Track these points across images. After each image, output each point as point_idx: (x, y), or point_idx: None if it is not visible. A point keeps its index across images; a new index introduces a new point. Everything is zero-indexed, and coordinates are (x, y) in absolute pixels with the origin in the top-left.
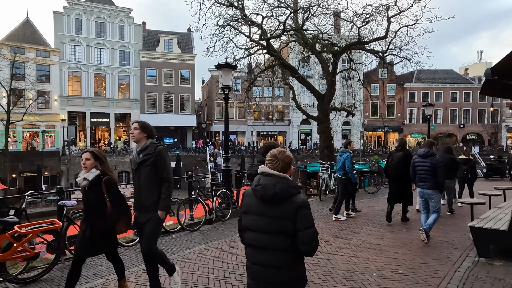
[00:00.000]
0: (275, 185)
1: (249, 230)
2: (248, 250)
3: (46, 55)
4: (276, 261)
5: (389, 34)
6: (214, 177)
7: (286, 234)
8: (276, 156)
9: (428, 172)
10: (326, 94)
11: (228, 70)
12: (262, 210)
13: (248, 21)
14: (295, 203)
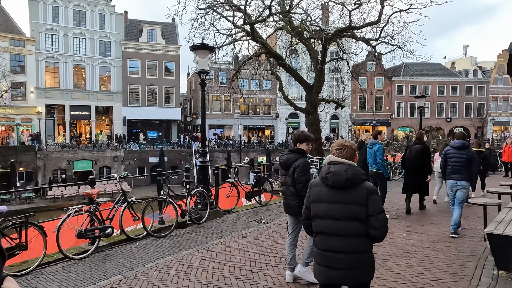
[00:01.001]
0: (346, 171)
1: (320, 218)
2: (319, 237)
3: (21, 44)
4: (349, 246)
5: (382, 19)
6: (188, 174)
7: (358, 219)
8: (343, 145)
9: (463, 164)
10: (314, 84)
11: (205, 52)
12: (334, 197)
13: (232, 5)
14: (366, 188)
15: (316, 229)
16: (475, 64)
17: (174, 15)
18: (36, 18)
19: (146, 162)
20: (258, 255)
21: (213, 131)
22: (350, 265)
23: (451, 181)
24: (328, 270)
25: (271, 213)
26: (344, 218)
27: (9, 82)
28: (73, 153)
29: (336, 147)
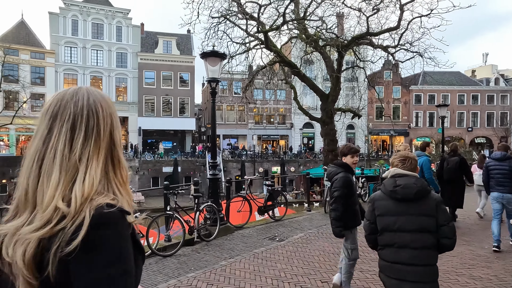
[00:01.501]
0: (416, 184)
1: (389, 231)
2: (388, 250)
3: (41, 56)
4: (419, 259)
5: (401, 25)
6: (197, 188)
7: (428, 231)
8: (407, 156)
9: (506, 176)
10: (330, 93)
11: (216, 59)
12: (403, 210)
13: (246, 14)
14: (434, 199)
15: (384, 242)
16: (496, 72)
17: (187, 25)
18: (56, 31)
19: (160, 172)
20: (271, 280)
21: (227, 141)
22: (422, 278)
23: (496, 194)
24: (400, 283)
25: (285, 229)
26: (414, 231)
27: (29, 94)
28: None
29: (399, 159)
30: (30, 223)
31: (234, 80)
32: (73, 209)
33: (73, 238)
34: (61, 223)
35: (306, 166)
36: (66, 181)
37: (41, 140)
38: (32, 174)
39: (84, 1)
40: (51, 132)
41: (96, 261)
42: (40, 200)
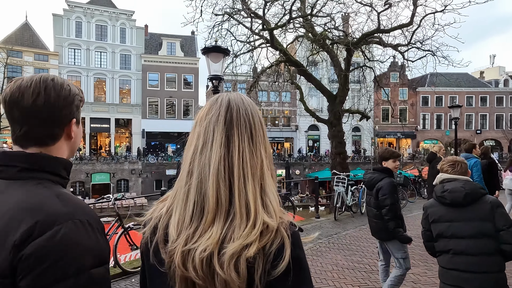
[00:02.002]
0: (464, 187)
1: (443, 237)
2: (443, 257)
3: (44, 58)
4: (477, 266)
5: (414, 21)
6: None
7: (485, 236)
8: (456, 161)
9: None
10: (338, 94)
11: (218, 55)
12: (454, 216)
13: (250, 12)
14: (490, 203)
15: (440, 248)
16: (504, 73)
17: (190, 24)
18: (59, 33)
19: (163, 175)
20: None
21: None
22: (480, 285)
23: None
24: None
25: None
26: (469, 236)
27: None
28: (91, 165)
29: (448, 164)
30: (231, 235)
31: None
32: (275, 225)
33: (277, 259)
34: (264, 238)
35: (311, 169)
36: (258, 192)
37: (225, 148)
38: (222, 183)
39: (88, 3)
40: (231, 140)
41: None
42: (239, 210)
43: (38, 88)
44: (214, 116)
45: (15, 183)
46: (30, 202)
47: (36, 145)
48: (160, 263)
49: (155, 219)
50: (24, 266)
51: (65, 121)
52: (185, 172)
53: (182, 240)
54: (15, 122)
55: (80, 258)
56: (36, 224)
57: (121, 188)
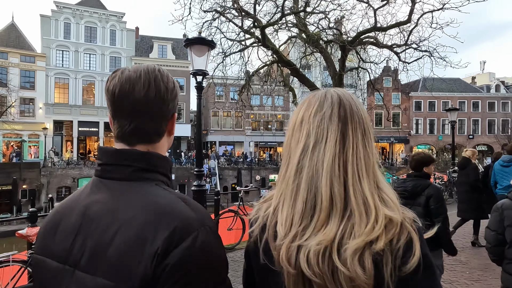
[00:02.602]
0: None
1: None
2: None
3: (31, 60)
4: None
5: (412, 19)
6: None
7: None
8: None
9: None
10: None
11: (202, 48)
12: None
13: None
14: None
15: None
16: (494, 79)
17: (178, 21)
18: (47, 34)
19: None
20: None
21: (224, 148)
22: None
23: None
24: None
25: None
26: None
27: (18, 98)
28: (78, 170)
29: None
30: (350, 232)
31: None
32: (399, 219)
33: (407, 254)
34: (390, 233)
35: None
36: (374, 188)
37: (340, 145)
38: (337, 181)
39: (77, 4)
40: (346, 137)
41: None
42: (357, 208)
43: (148, 79)
44: (327, 113)
45: (131, 185)
46: (160, 206)
47: (144, 143)
48: (271, 262)
49: (262, 218)
50: (168, 276)
51: (169, 115)
52: (292, 170)
53: (290, 237)
54: (123, 117)
55: (219, 268)
56: (175, 230)
57: None
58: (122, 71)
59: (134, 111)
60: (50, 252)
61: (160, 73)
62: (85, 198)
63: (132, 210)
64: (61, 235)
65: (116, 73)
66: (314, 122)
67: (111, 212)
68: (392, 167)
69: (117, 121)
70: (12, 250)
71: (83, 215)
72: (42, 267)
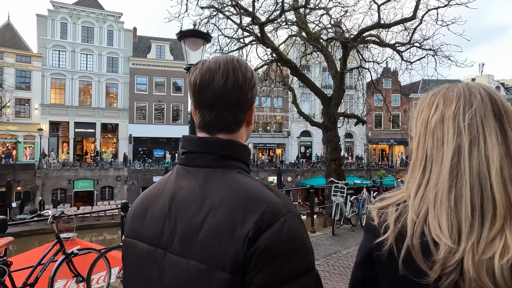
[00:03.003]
0: None
1: None
2: None
3: (27, 60)
4: None
5: (417, 16)
6: None
7: None
8: None
9: None
10: (333, 96)
11: (197, 41)
12: None
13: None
14: None
15: None
16: (493, 81)
17: (174, 18)
18: (43, 34)
19: (150, 182)
20: None
21: None
22: None
23: None
24: None
25: None
26: None
27: (13, 98)
28: (74, 171)
29: None
30: None
31: None
32: None
33: None
34: None
35: (303, 176)
36: None
37: (503, 144)
38: (510, 184)
39: (74, 4)
40: (506, 135)
41: None
42: None
43: (227, 69)
44: (479, 110)
45: (216, 171)
46: (248, 191)
47: (224, 132)
48: (417, 274)
49: (394, 225)
50: (259, 261)
51: (248, 105)
52: (445, 174)
53: (467, 249)
54: (204, 107)
55: (307, 255)
56: (263, 214)
57: (105, 195)
58: (203, 62)
59: (214, 101)
60: (140, 235)
61: (239, 63)
62: (172, 185)
63: (220, 196)
64: (150, 220)
65: (197, 64)
66: (465, 120)
67: (199, 198)
68: (392, 169)
69: (199, 111)
70: None
71: (171, 201)
72: (133, 249)
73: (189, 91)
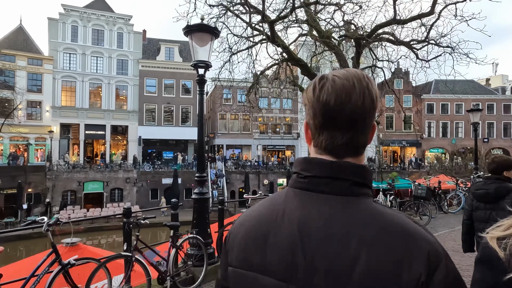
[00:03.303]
0: None
1: None
2: None
3: (38, 63)
4: None
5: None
6: (176, 213)
7: None
8: None
9: None
10: None
11: (205, 36)
12: None
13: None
14: None
15: None
16: (507, 81)
17: (183, 18)
18: (55, 37)
19: (159, 184)
20: None
21: (231, 151)
22: None
23: None
24: None
25: None
26: None
27: (24, 100)
28: (84, 173)
29: None
30: None
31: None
32: None
33: None
34: None
35: None
36: None
37: None
38: None
39: (85, 7)
40: None
41: None
42: None
43: (363, 88)
44: None
45: (350, 200)
46: (401, 226)
47: (352, 155)
48: None
49: None
50: None
51: (372, 125)
52: None
53: None
54: (335, 128)
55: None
56: (429, 255)
57: (114, 197)
58: (332, 79)
59: (350, 122)
60: (260, 267)
61: (369, 80)
62: (295, 211)
63: (371, 230)
64: (274, 250)
65: (323, 81)
66: None
67: (341, 230)
68: (404, 171)
69: (327, 132)
70: None
71: (300, 230)
72: (250, 284)
73: (311, 109)
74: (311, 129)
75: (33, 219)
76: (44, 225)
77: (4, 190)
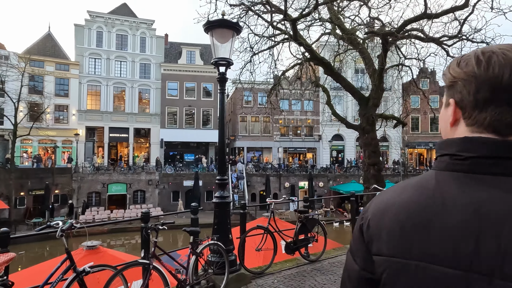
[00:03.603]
0: None
1: None
2: None
3: (65, 68)
4: None
5: (469, 3)
6: (196, 217)
7: None
8: None
9: None
10: (371, 95)
11: (226, 32)
12: None
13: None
14: None
15: None
16: None
17: (204, 19)
18: (81, 43)
19: (181, 186)
20: None
21: (252, 154)
22: None
23: None
24: None
25: (325, 278)
26: None
27: (52, 104)
28: (108, 175)
29: None
30: None
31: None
32: None
33: None
34: None
35: (336, 181)
36: None
37: None
38: None
39: (109, 13)
40: None
41: None
42: None
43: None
44: None
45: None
46: None
47: None
48: None
49: None
50: None
51: None
52: None
53: None
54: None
55: None
56: None
57: (137, 198)
58: (501, 51)
59: None
60: (424, 255)
61: None
62: (459, 196)
63: None
64: (443, 238)
65: (488, 53)
66: None
67: None
68: None
69: (494, 108)
70: None
71: (478, 216)
72: (413, 272)
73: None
74: (465, 107)
75: (59, 219)
76: (58, 230)
77: (33, 191)
